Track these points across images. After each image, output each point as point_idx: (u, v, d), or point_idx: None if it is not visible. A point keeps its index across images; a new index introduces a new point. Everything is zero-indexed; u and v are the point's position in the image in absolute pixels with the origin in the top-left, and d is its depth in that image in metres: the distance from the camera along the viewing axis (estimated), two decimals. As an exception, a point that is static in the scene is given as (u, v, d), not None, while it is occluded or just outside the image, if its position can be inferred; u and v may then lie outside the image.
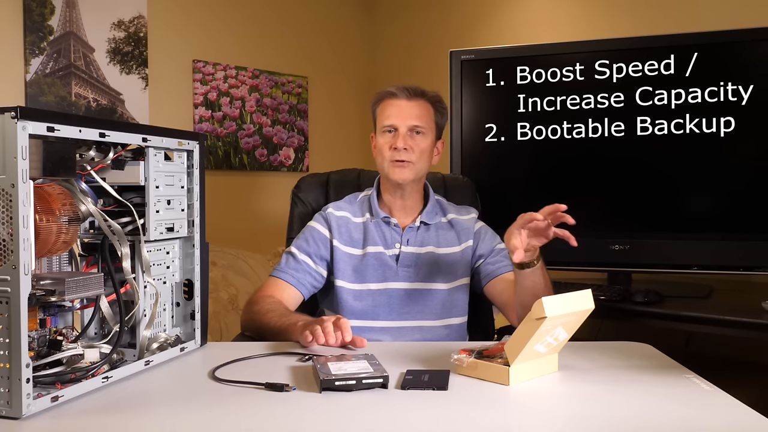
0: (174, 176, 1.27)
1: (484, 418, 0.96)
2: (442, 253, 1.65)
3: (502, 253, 1.65)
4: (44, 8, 2.67)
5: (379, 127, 1.67)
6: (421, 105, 1.66)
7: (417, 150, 1.63)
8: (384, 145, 1.64)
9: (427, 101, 1.67)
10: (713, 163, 2.05)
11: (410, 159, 1.62)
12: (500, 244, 1.66)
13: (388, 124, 1.64)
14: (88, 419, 0.94)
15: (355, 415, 0.97)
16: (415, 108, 1.64)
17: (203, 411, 0.98)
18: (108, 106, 2.88)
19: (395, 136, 1.63)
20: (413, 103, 1.65)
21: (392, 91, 1.66)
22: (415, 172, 1.64)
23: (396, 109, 1.64)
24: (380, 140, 1.66)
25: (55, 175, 1.04)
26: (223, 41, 3.28)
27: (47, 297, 1.00)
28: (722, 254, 2.01)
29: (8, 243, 0.92)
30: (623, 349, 1.33)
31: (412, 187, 1.67)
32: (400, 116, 1.63)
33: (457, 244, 1.67)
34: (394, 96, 1.66)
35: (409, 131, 1.63)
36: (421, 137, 1.64)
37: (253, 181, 3.43)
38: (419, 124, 1.63)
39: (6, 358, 0.92)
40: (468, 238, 1.67)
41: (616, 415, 0.97)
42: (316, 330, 1.27)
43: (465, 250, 1.66)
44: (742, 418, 0.95)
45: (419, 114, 1.64)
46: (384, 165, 1.65)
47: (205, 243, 1.34)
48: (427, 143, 1.65)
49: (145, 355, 1.20)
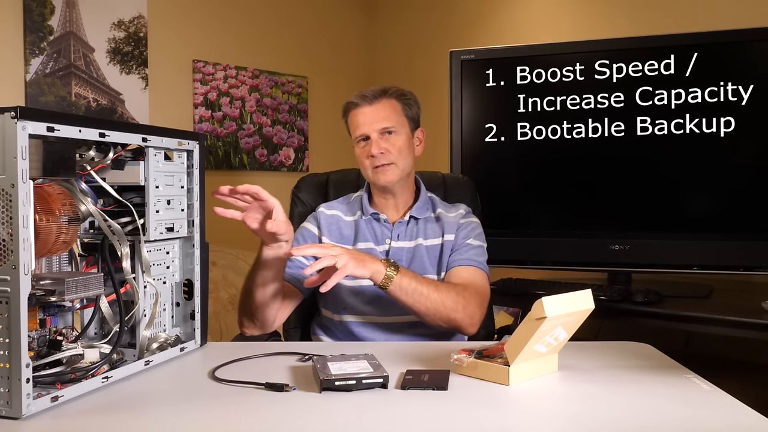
0: (174, 176, 1.27)
1: (484, 417, 0.96)
2: (429, 245, 1.66)
3: (466, 247, 1.64)
4: (44, 8, 2.67)
5: (353, 139, 1.69)
6: (385, 105, 1.65)
7: (394, 150, 1.63)
8: (361, 155, 1.66)
9: (390, 98, 1.66)
10: (713, 162, 2.05)
11: (390, 160, 1.62)
12: (474, 240, 1.65)
13: (358, 134, 1.65)
14: (88, 419, 0.94)
15: (355, 415, 0.97)
16: (379, 110, 1.64)
17: (203, 411, 0.98)
18: (108, 106, 2.88)
19: (369, 144, 1.64)
20: (376, 106, 1.65)
21: (353, 101, 1.67)
22: (399, 171, 1.64)
23: (362, 117, 1.65)
24: (357, 151, 1.68)
25: (55, 175, 1.04)
26: (223, 41, 3.28)
27: (47, 297, 1.00)
28: (722, 254, 2.01)
29: (8, 243, 0.92)
30: (623, 349, 1.33)
31: (401, 185, 1.68)
32: (366, 123, 1.64)
33: (441, 236, 1.67)
34: (357, 105, 1.67)
35: (380, 134, 1.63)
36: (394, 136, 1.64)
37: (253, 181, 3.39)
38: (387, 125, 1.63)
39: (6, 358, 0.92)
40: (450, 231, 1.67)
41: (616, 415, 0.97)
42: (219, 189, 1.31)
43: (446, 243, 1.66)
44: (742, 418, 0.95)
45: (385, 115, 1.64)
46: (368, 173, 1.66)
47: (205, 243, 1.34)
48: (402, 140, 1.65)
49: (145, 355, 1.20)
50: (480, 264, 1.62)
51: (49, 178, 1.04)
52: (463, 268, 1.59)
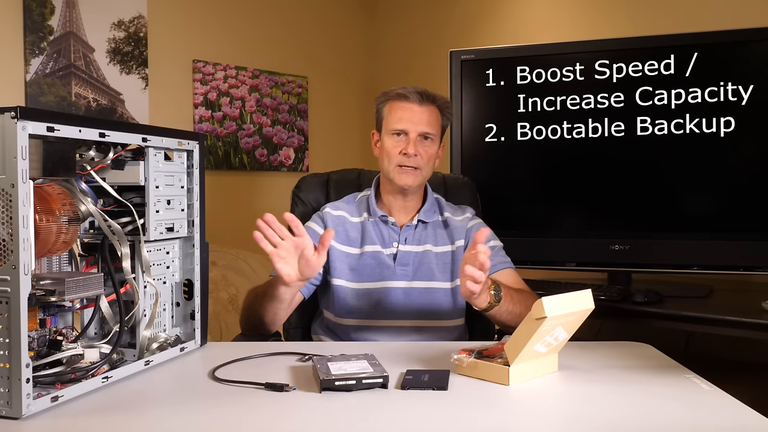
0: (174, 176, 1.27)
1: (483, 418, 0.96)
2: (438, 251, 1.65)
3: (493, 251, 1.62)
4: (44, 8, 2.67)
5: (387, 129, 1.64)
6: (432, 111, 1.63)
7: (426, 156, 1.62)
8: (392, 149, 1.62)
9: (437, 107, 1.65)
10: (713, 162, 2.05)
11: (418, 165, 1.61)
12: (490, 242, 1.64)
13: (398, 128, 1.62)
14: (88, 419, 0.94)
15: (355, 415, 0.97)
16: (426, 113, 1.62)
17: (203, 411, 0.98)
18: (108, 106, 2.88)
19: (405, 141, 1.61)
20: (425, 108, 1.62)
21: (403, 93, 1.63)
22: (422, 178, 1.64)
23: (408, 113, 1.62)
24: (388, 142, 1.63)
25: (55, 175, 1.04)
26: (223, 41, 3.28)
27: (47, 297, 1.00)
28: (722, 254, 2.01)
29: (8, 243, 0.92)
30: (623, 349, 1.33)
31: (415, 190, 1.67)
32: (411, 120, 1.61)
33: (450, 243, 1.67)
34: (406, 99, 1.63)
35: (419, 137, 1.61)
36: (429, 143, 1.63)
37: (253, 181, 3.43)
38: (429, 131, 1.62)
39: (6, 358, 0.92)
40: (460, 237, 1.67)
41: (616, 415, 0.97)
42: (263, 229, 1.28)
43: (458, 250, 1.66)
44: (742, 418, 0.95)
45: (429, 120, 1.62)
46: (390, 168, 1.63)
47: (205, 243, 1.34)
48: (434, 149, 1.65)
49: (144, 355, 1.20)
50: (510, 263, 1.65)
51: (49, 178, 1.04)
52: (501, 273, 1.60)
